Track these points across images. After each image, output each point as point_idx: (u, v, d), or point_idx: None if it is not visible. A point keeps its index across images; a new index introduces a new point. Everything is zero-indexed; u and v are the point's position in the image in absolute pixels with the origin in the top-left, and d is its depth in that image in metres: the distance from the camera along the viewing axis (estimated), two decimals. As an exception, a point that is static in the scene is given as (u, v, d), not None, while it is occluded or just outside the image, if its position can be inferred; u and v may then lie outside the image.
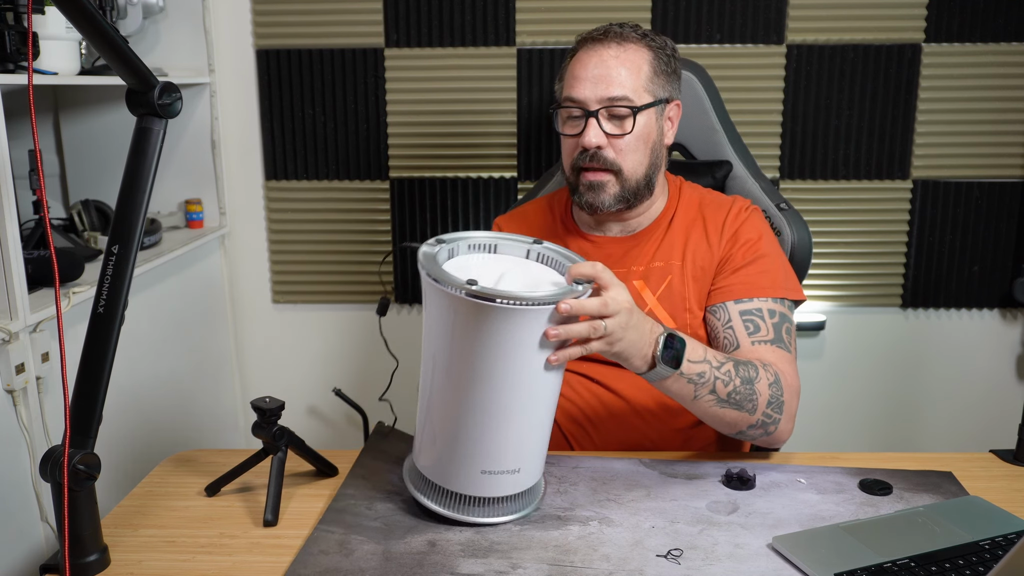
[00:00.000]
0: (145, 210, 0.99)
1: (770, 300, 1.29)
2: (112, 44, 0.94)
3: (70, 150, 2.12)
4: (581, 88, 1.30)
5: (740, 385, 1.15)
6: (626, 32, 1.32)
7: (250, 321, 2.30)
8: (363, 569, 0.96)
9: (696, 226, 1.37)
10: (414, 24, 2.09)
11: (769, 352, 1.24)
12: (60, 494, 0.93)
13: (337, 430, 2.35)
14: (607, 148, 1.29)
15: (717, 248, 1.34)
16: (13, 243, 1.40)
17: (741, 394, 1.15)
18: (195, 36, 2.06)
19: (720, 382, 1.13)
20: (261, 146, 2.19)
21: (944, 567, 0.93)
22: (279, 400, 1.12)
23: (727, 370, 1.14)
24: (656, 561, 0.97)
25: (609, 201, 1.32)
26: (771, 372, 1.19)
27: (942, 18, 2.02)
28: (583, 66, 1.31)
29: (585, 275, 1.02)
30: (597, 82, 1.29)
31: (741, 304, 1.29)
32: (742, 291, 1.30)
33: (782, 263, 1.35)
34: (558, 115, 1.34)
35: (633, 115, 1.29)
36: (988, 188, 2.10)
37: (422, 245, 1.03)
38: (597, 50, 1.31)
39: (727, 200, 1.40)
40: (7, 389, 1.40)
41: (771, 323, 1.28)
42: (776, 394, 1.19)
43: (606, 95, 1.28)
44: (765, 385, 1.17)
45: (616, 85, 1.28)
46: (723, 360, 1.14)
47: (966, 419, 2.24)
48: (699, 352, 1.12)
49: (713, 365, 1.13)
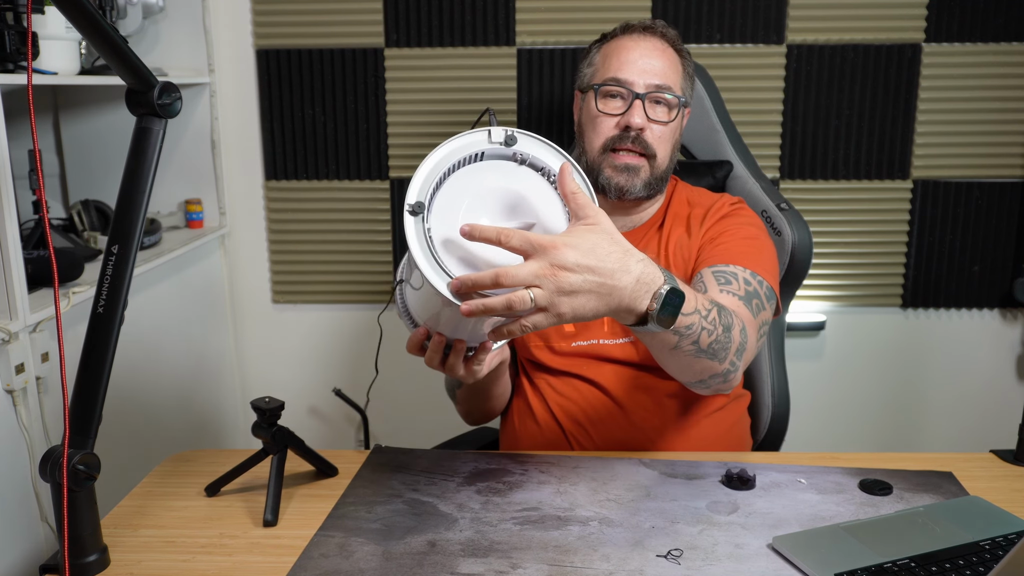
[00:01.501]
0: (145, 210, 0.99)
1: (748, 272, 1.23)
2: (112, 44, 0.94)
3: (70, 150, 2.12)
4: (629, 70, 1.32)
5: (721, 334, 1.03)
6: (660, 28, 1.37)
7: (250, 321, 2.30)
8: (363, 570, 0.96)
9: (680, 222, 1.38)
10: (414, 24, 2.09)
11: (734, 303, 1.16)
12: (60, 494, 0.93)
13: (337, 430, 2.35)
14: (647, 131, 1.31)
15: (697, 236, 1.35)
16: (13, 243, 1.40)
17: (719, 343, 1.03)
18: (195, 36, 2.06)
19: (705, 332, 1.00)
20: (261, 146, 2.19)
21: (944, 567, 0.93)
22: (279, 400, 1.12)
23: (713, 319, 1.01)
24: (656, 561, 0.97)
25: (639, 186, 1.33)
26: (739, 319, 1.11)
27: (942, 18, 2.02)
28: (629, 51, 1.34)
29: (569, 200, 0.90)
30: (645, 67, 1.32)
31: (717, 268, 1.24)
32: (720, 258, 1.26)
33: (767, 250, 1.31)
34: (596, 94, 1.34)
35: (679, 106, 1.34)
36: (988, 188, 2.10)
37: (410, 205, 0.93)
38: (646, 38, 1.35)
39: (714, 196, 1.42)
40: (7, 389, 1.40)
41: (744, 286, 1.21)
42: (742, 341, 1.10)
43: (653, 82, 1.32)
44: (737, 334, 1.08)
45: (662, 75, 1.32)
46: (709, 307, 1.01)
47: (966, 419, 2.24)
48: (691, 303, 0.97)
49: (702, 315, 0.99)
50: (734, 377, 1.12)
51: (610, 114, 1.33)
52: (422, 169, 0.94)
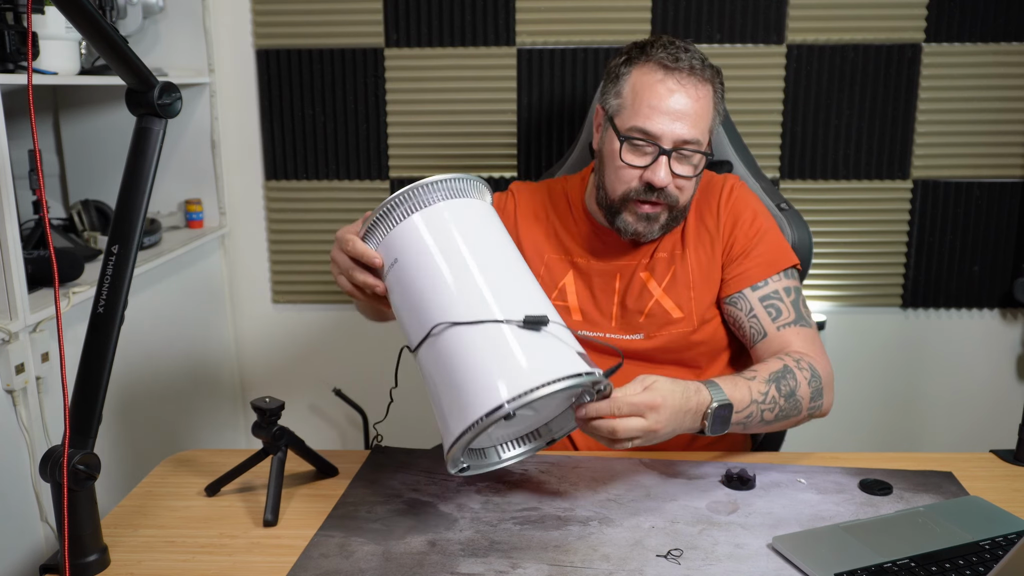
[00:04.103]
0: (145, 210, 0.99)
1: (782, 277, 1.33)
2: (112, 44, 0.94)
3: (70, 150, 2.12)
4: (658, 123, 1.23)
5: (784, 403, 1.20)
6: (702, 67, 1.27)
7: (250, 321, 2.30)
8: (363, 570, 0.96)
9: (694, 212, 1.38)
10: (414, 24, 2.09)
11: (795, 336, 1.29)
12: (60, 494, 0.93)
13: (337, 430, 2.35)
14: (670, 186, 1.26)
15: (717, 232, 1.35)
16: (13, 243, 1.40)
17: (786, 410, 1.21)
18: (195, 36, 2.06)
19: (767, 411, 1.19)
20: (261, 146, 2.19)
21: (944, 567, 0.93)
22: (279, 400, 1.12)
23: (772, 398, 1.19)
24: (656, 561, 0.97)
25: (657, 230, 1.32)
26: (805, 368, 1.23)
27: (942, 18, 2.02)
28: (660, 97, 1.24)
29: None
30: (674, 119, 1.23)
31: (758, 290, 1.32)
32: (756, 275, 1.33)
33: (777, 232, 1.38)
34: (621, 144, 1.26)
35: (704, 160, 1.29)
36: (988, 188, 2.10)
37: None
38: (678, 80, 1.24)
39: (717, 181, 1.41)
40: (7, 389, 1.40)
41: (789, 302, 1.32)
42: (816, 387, 1.24)
43: (682, 136, 1.24)
44: (805, 388, 1.22)
45: (691, 127, 1.24)
46: (765, 390, 1.18)
47: (966, 419, 2.24)
48: (744, 397, 1.16)
49: (758, 401, 1.17)
50: (821, 412, 1.27)
51: (634, 166, 1.26)
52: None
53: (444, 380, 0.98)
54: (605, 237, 1.39)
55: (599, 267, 1.37)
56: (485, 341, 0.96)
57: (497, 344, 0.96)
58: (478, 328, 0.97)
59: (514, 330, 0.97)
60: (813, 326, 1.32)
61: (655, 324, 1.34)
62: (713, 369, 1.38)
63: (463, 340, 0.97)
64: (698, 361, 1.36)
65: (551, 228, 1.42)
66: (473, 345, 0.96)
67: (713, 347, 1.37)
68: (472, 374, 0.95)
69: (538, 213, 1.44)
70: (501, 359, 0.95)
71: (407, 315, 1.04)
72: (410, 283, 1.03)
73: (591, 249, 1.39)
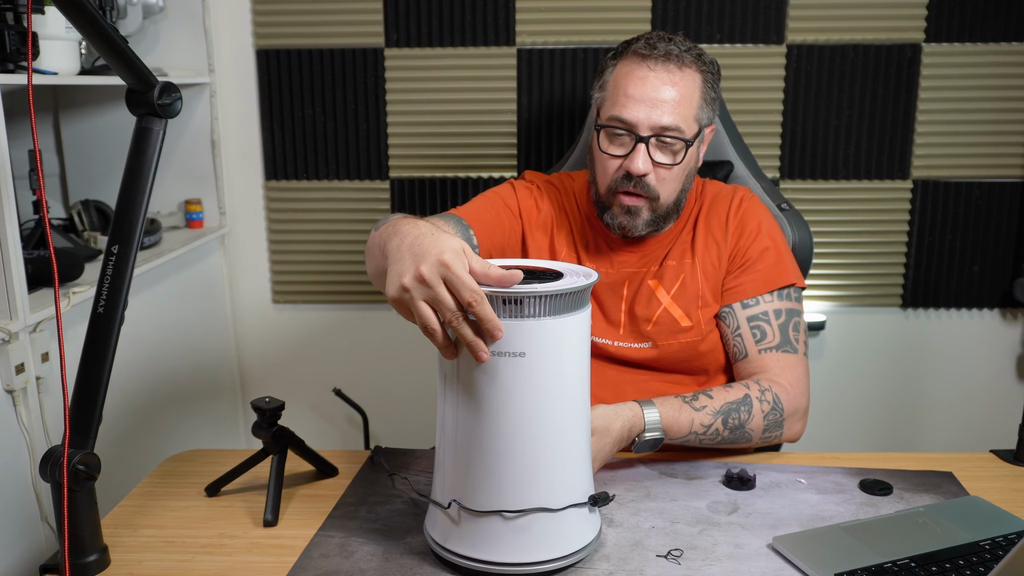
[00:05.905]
0: (145, 210, 0.99)
1: (775, 298, 1.31)
2: (112, 44, 0.94)
3: (70, 150, 2.12)
4: (634, 110, 1.23)
5: (728, 435, 1.21)
6: (681, 53, 1.25)
7: (250, 321, 2.30)
8: (363, 570, 0.96)
9: (703, 221, 1.37)
10: (414, 24, 2.09)
11: (775, 361, 1.28)
12: (60, 494, 0.93)
13: (337, 430, 2.35)
14: (651, 175, 1.26)
15: (724, 242, 1.35)
16: (13, 243, 1.40)
17: (730, 440, 1.22)
18: (195, 36, 2.06)
19: (706, 440, 1.21)
20: (261, 146, 2.19)
21: (944, 567, 0.93)
22: (279, 400, 1.12)
23: (714, 431, 1.20)
24: (656, 561, 0.97)
25: (641, 226, 1.31)
26: (768, 400, 1.23)
27: (942, 18, 2.02)
28: (636, 84, 1.24)
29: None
30: (652, 106, 1.23)
31: (748, 308, 1.32)
32: (749, 291, 1.32)
33: (785, 250, 1.36)
34: (599, 133, 1.28)
35: (685, 148, 1.26)
36: (988, 188, 2.10)
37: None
38: (653, 68, 1.24)
39: (727, 191, 1.40)
40: (7, 389, 1.40)
41: (777, 325, 1.30)
42: (774, 419, 1.23)
43: (659, 123, 1.23)
44: (759, 421, 1.22)
45: (669, 113, 1.23)
46: (709, 423, 1.19)
47: (966, 419, 2.24)
48: (683, 428, 1.18)
49: (697, 433, 1.19)
50: (780, 438, 1.26)
51: (613, 155, 1.27)
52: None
53: (473, 455, 0.93)
54: (613, 243, 1.38)
55: (607, 274, 1.37)
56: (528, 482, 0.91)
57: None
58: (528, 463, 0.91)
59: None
60: (800, 351, 1.29)
61: (663, 332, 1.33)
62: (720, 378, 1.37)
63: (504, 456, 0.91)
64: (706, 369, 1.36)
65: (566, 230, 1.41)
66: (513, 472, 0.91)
67: (720, 356, 1.36)
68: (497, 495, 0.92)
69: (557, 214, 1.42)
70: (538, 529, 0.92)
71: (473, 402, 0.91)
72: (520, 386, 0.89)
73: (600, 255, 1.38)
